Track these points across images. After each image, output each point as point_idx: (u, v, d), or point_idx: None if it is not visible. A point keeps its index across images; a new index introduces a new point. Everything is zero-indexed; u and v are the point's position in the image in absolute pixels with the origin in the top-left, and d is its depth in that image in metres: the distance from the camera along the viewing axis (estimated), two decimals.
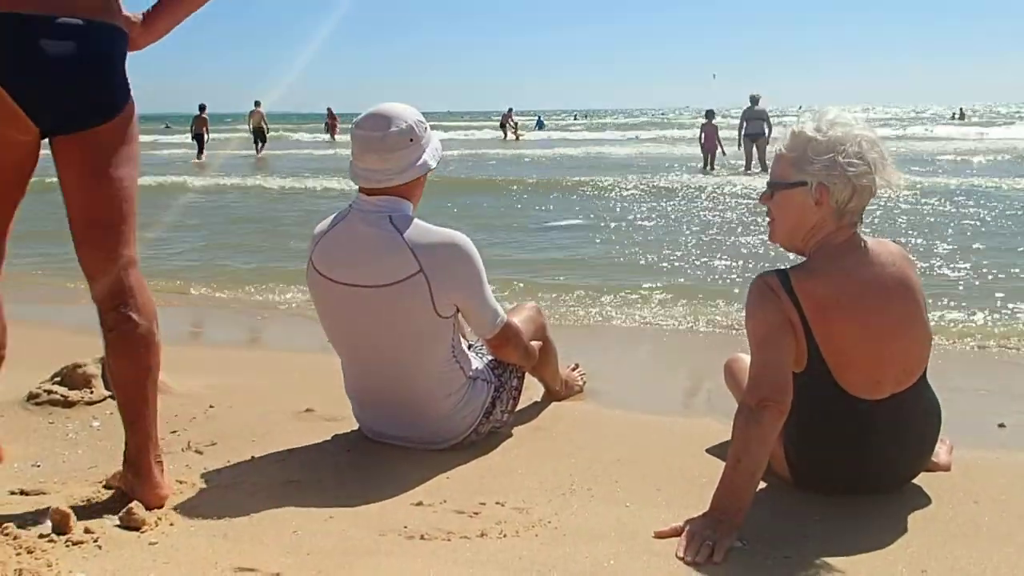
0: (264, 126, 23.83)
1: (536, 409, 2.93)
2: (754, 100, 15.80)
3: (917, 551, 1.84)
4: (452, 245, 2.30)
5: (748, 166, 15.89)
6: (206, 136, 22.19)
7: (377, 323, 2.32)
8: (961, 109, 54.25)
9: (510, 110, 36.18)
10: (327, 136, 34.15)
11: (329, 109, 35.03)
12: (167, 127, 51.62)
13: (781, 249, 2.16)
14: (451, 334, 2.39)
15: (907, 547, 1.86)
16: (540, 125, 45.64)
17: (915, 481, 2.18)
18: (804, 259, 2.06)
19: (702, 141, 17.12)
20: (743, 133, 15.82)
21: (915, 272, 2.08)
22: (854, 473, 2.08)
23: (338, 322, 2.41)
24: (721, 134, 17.24)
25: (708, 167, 16.72)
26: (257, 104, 23.64)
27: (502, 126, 35.23)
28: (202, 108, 22.12)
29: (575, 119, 67.27)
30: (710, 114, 17.18)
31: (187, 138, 24.95)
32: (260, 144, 23.62)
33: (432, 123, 2.44)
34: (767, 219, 2.13)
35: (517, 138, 33.39)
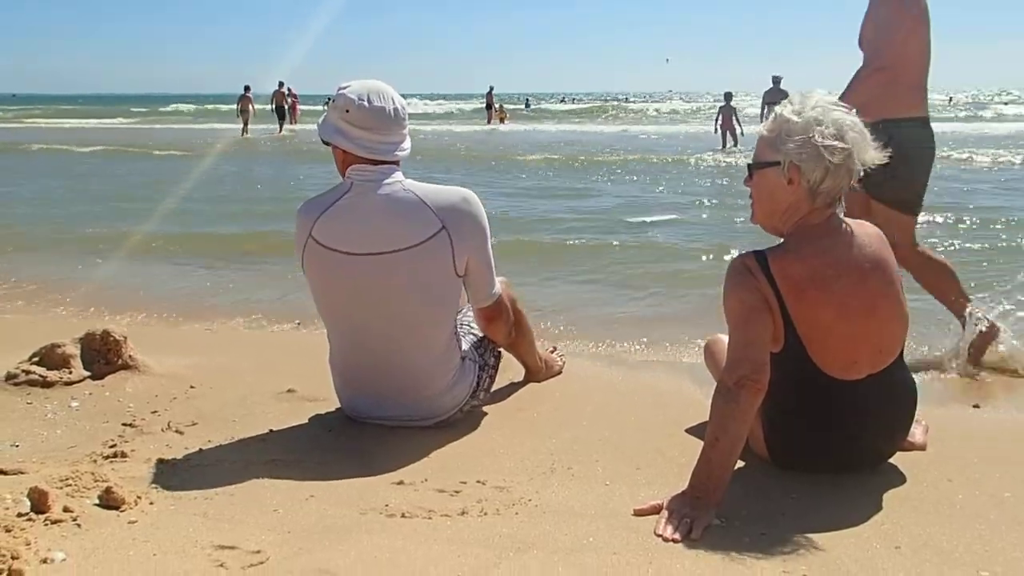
0: (285, 104, 24.96)
1: (517, 389, 2.95)
2: (776, 81, 15.91)
3: (891, 528, 1.87)
4: (467, 200, 2.38)
5: None
6: (251, 112, 23.94)
7: (396, 289, 2.33)
8: (950, 96, 53.87)
9: (491, 90, 34.56)
10: (279, 128, 25.05)
11: (282, 87, 26.37)
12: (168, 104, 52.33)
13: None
14: (458, 301, 2.45)
15: (881, 524, 1.89)
16: (527, 105, 46.93)
17: (891, 460, 2.21)
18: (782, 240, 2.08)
19: (719, 123, 17.47)
20: (765, 115, 15.83)
21: (891, 253, 2.10)
22: (830, 452, 2.10)
23: (349, 297, 2.39)
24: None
25: (725, 146, 17.11)
26: (280, 84, 25.09)
27: (488, 107, 34.46)
28: (247, 88, 24.14)
29: (562, 101, 67.30)
30: (728, 96, 17.67)
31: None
32: (281, 122, 25.00)
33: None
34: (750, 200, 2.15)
35: (502, 120, 32.96)
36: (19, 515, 1.72)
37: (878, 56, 3.01)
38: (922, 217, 3.52)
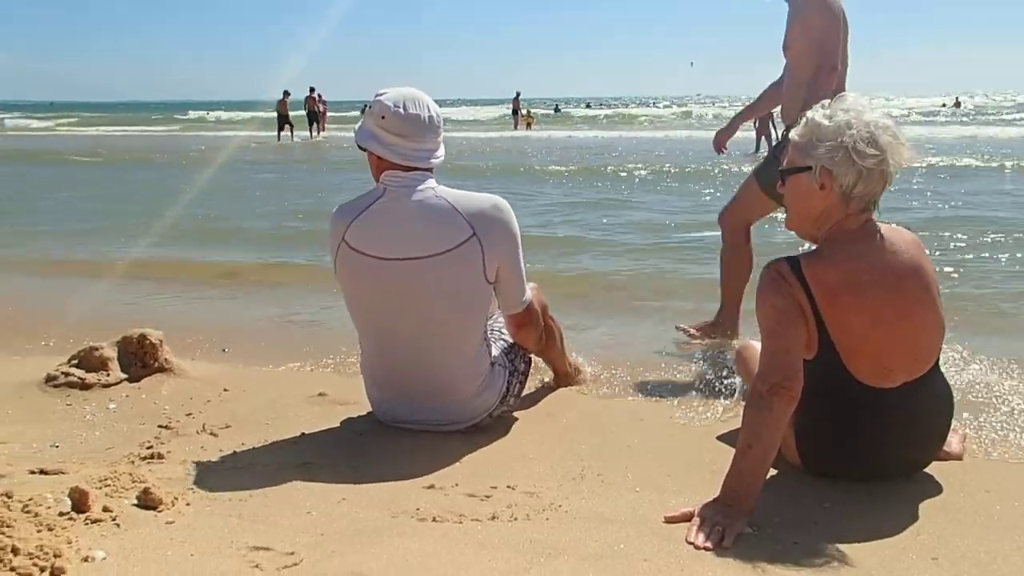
0: (317, 110, 25.49)
1: (547, 395, 2.95)
2: None
3: (928, 539, 1.84)
4: (498, 208, 2.40)
5: None
6: (288, 116, 24.62)
7: (427, 294, 2.35)
8: (957, 99, 51.81)
9: (518, 95, 34.54)
10: (310, 133, 25.38)
11: (313, 92, 25.95)
12: (207, 111, 55.55)
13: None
14: (488, 307, 2.46)
15: (918, 534, 1.86)
16: (557, 110, 48.41)
17: (927, 469, 2.18)
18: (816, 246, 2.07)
19: (756, 126, 17.76)
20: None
21: (928, 260, 2.07)
22: (864, 460, 2.08)
23: (380, 301, 2.41)
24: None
25: (758, 150, 17.27)
26: (312, 90, 25.40)
27: (514, 112, 34.51)
28: (286, 93, 24.50)
29: (588, 106, 67.09)
30: None
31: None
32: (290, 129, 25.21)
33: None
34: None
35: (529, 126, 32.94)
36: (60, 514, 1.76)
37: (830, 56, 3.20)
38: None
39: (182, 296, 4.96)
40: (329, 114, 28.16)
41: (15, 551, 1.54)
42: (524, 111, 34.56)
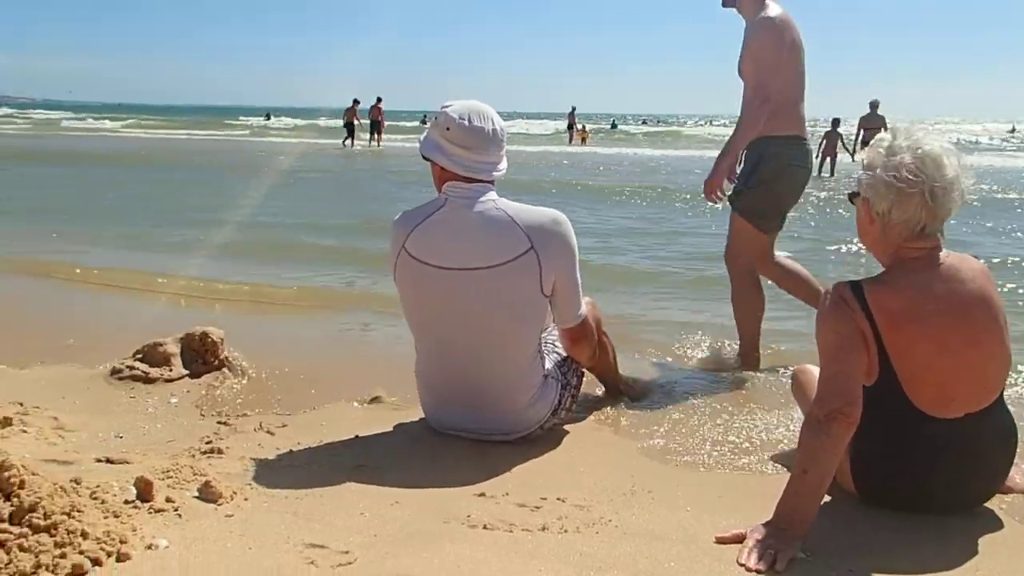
0: (357, 121, 25.96)
1: (598, 409, 2.95)
2: (873, 106, 15.83)
3: (987, 574, 1.79)
4: (556, 222, 2.43)
5: None
6: (356, 124, 25.52)
7: (483, 304, 2.39)
8: (1013, 126, 50.10)
9: (573, 110, 34.83)
10: (369, 142, 25.87)
11: (379, 102, 26.10)
12: (268, 116, 58.23)
13: None
14: (543, 320, 2.49)
15: (977, 569, 1.82)
16: (614, 125, 49.28)
17: (988, 503, 2.12)
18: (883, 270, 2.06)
19: (822, 147, 17.40)
20: (859, 140, 15.89)
21: (996, 290, 2.03)
22: (921, 491, 2.04)
23: (437, 309, 2.45)
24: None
25: (820, 173, 16.74)
26: (356, 102, 25.87)
27: (569, 127, 34.63)
28: (355, 102, 25.44)
29: (644, 123, 66.91)
30: (835, 122, 17.74)
31: None
32: (374, 135, 26.02)
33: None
34: None
35: (584, 141, 32.98)
36: (126, 502, 1.82)
37: (764, 88, 3.27)
38: None
39: (231, 311, 4.80)
40: (385, 123, 27.66)
41: (84, 535, 1.60)
42: (579, 126, 34.61)
